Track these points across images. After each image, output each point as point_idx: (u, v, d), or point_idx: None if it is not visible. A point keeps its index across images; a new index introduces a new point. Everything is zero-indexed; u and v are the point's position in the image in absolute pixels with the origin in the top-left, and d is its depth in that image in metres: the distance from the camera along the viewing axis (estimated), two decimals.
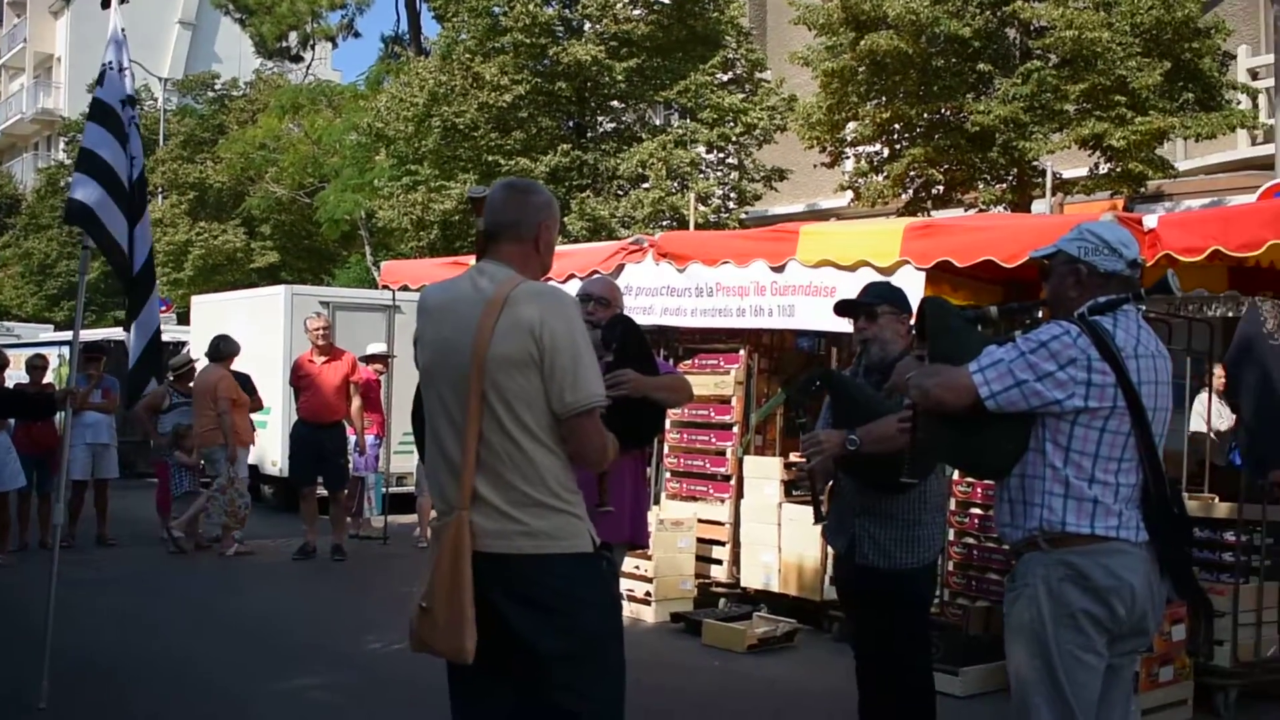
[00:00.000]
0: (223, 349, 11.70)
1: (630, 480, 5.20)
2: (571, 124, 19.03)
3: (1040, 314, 5.42)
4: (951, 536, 7.97)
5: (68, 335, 12.18)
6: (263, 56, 36.40)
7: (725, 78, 18.59)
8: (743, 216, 18.52)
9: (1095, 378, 3.45)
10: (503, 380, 3.25)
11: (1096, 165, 13.41)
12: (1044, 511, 3.53)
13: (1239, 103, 13.97)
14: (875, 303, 5.01)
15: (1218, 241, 6.48)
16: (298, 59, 36.45)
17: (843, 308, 5.20)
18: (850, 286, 7.11)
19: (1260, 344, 6.45)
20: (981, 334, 3.86)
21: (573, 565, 3.31)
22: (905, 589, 4.85)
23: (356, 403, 11.67)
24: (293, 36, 35.26)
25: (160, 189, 31.87)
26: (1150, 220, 6.77)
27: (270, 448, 14.41)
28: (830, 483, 5.10)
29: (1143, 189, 13.98)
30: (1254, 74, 15.65)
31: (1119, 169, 12.78)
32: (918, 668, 4.93)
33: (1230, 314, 8.75)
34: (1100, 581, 3.48)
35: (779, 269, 8.34)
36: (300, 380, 11.44)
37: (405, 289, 11.42)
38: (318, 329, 11.45)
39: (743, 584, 8.97)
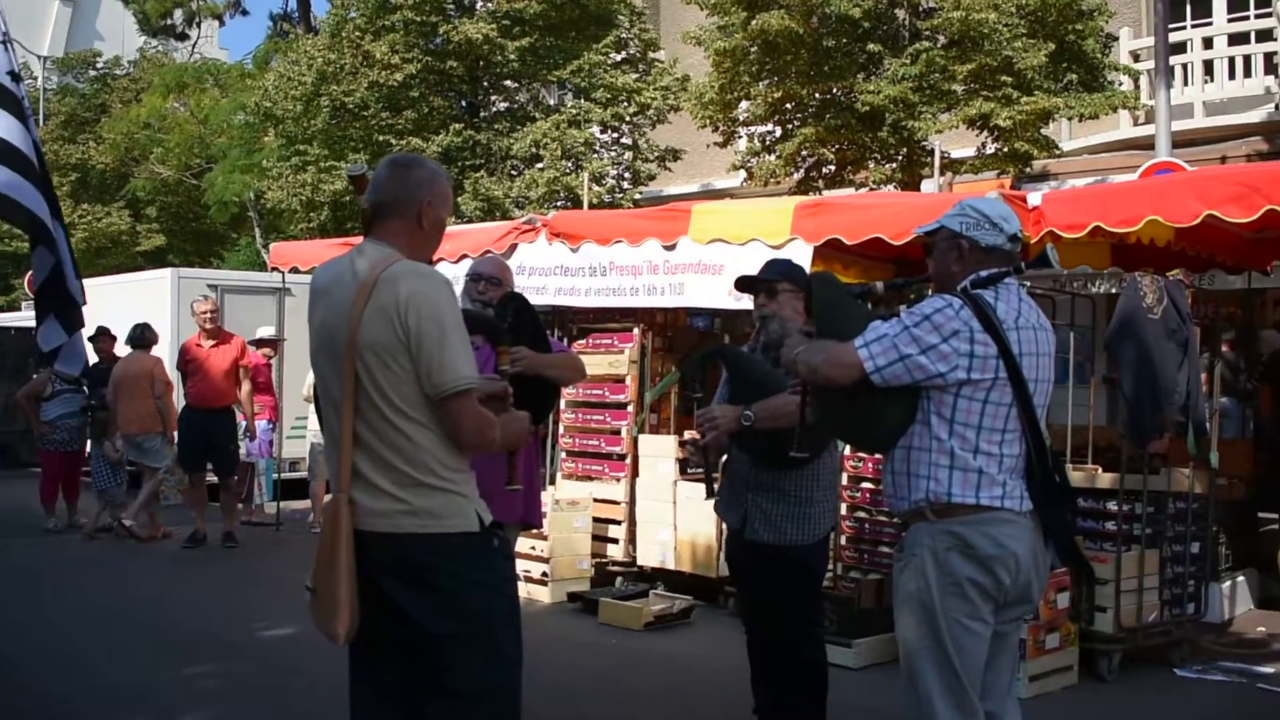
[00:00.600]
0: (147, 336, 11.52)
1: (523, 459, 5.17)
2: (464, 103, 18.85)
3: (928, 290, 5.51)
4: (844, 511, 8.06)
5: None
6: (146, 34, 35.43)
7: (619, 57, 18.54)
8: (637, 196, 18.51)
9: (978, 350, 3.51)
10: (373, 363, 3.23)
11: (984, 145, 13.63)
12: (930, 483, 3.59)
13: (1121, 84, 14.30)
14: (776, 279, 5.03)
15: (1098, 218, 6.64)
16: (183, 37, 35.54)
17: (743, 284, 5.22)
18: (741, 265, 7.16)
19: (1139, 318, 6.60)
20: (867, 309, 3.90)
21: (459, 544, 3.28)
22: (795, 564, 4.89)
23: (246, 387, 11.48)
24: (178, 14, 34.35)
25: None
26: (1034, 198, 6.92)
27: None
28: (724, 458, 5.12)
29: (1029, 168, 14.25)
30: (1136, 56, 16.03)
31: (1006, 148, 13.02)
32: (809, 640, 4.98)
33: (1114, 290, 8.96)
34: (985, 550, 3.54)
35: (671, 247, 8.36)
36: (188, 365, 11.22)
37: (295, 271, 11.26)
38: (204, 312, 11.23)
39: (639, 562, 9.00)
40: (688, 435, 5.04)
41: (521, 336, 4.65)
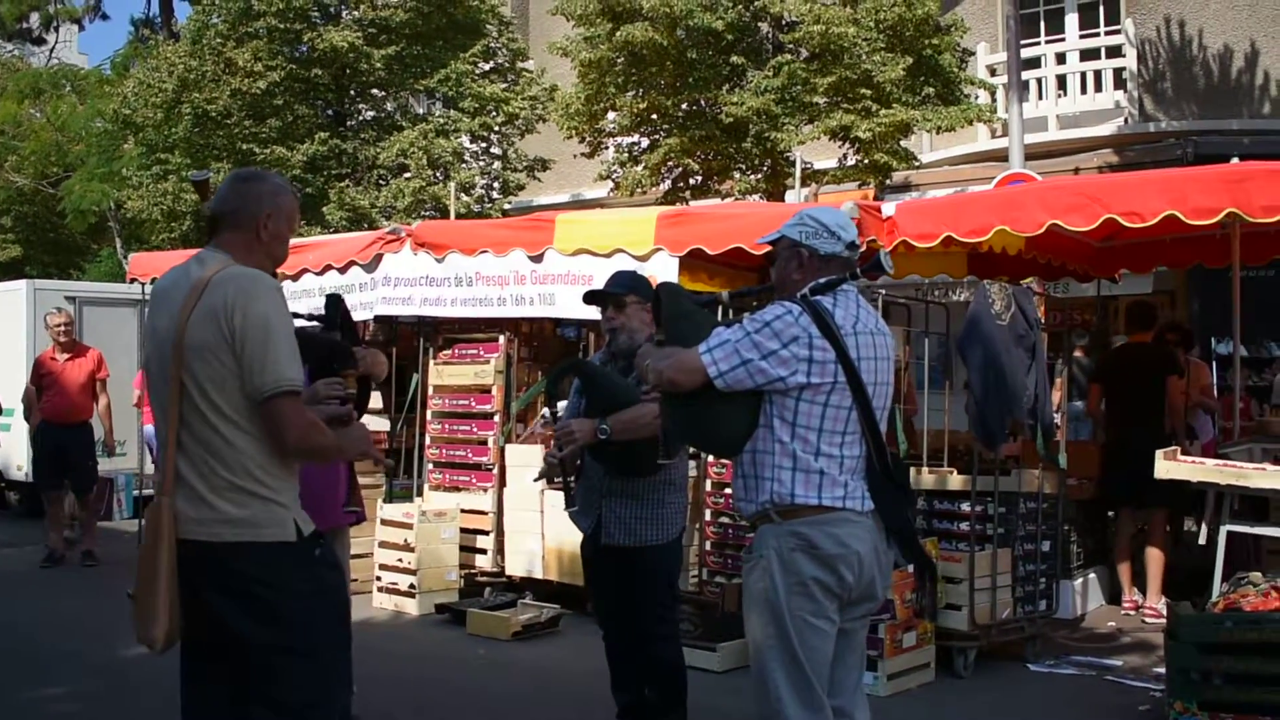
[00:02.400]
0: None
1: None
2: (330, 112, 18.63)
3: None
4: (708, 516, 8.16)
5: None
6: (1, 39, 34.36)
7: (487, 67, 18.49)
8: (506, 206, 18.49)
9: (816, 354, 3.60)
10: (197, 365, 3.23)
11: (845, 156, 13.90)
12: (774, 485, 3.67)
13: (977, 98, 14.71)
14: (622, 292, 5.12)
15: (950, 228, 6.86)
16: (40, 41, 34.53)
17: (591, 297, 5.30)
18: (608, 275, 7.22)
19: (987, 323, 6.81)
20: (713, 317, 3.99)
21: (275, 553, 3.27)
22: (649, 563, 4.99)
23: (104, 400, 11.20)
24: (34, 17, 33.38)
25: None
26: (888, 208, 7.10)
27: (15, 451, 13.66)
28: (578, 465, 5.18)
29: (889, 179, 14.56)
30: (992, 70, 16.51)
31: (866, 160, 13.28)
32: (665, 639, 5.06)
33: (957, 297, 9.23)
34: (829, 550, 3.63)
35: (537, 258, 8.40)
36: (43, 379, 10.91)
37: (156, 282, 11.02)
38: (58, 325, 10.94)
39: (508, 572, 8.98)
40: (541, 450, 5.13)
41: (349, 337, 4.72)
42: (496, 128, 18.11)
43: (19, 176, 26.76)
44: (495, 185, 18.79)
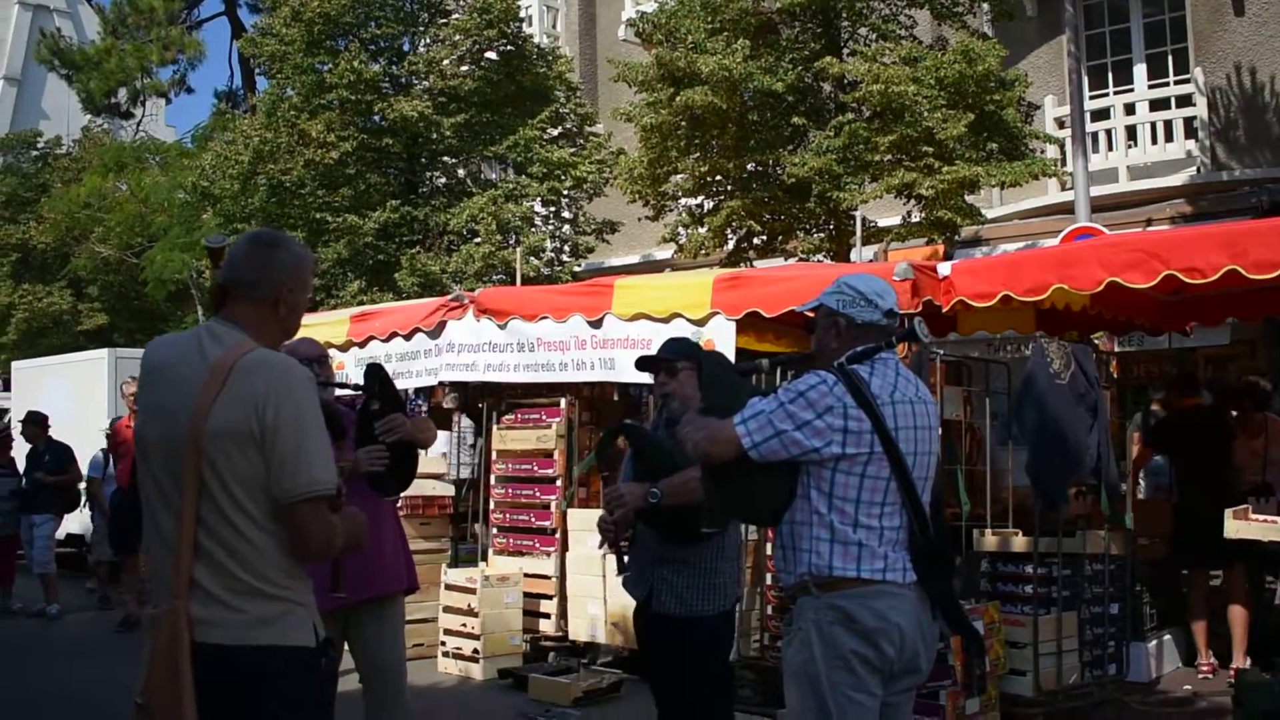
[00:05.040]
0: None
1: (396, 526, 5.37)
2: (401, 180, 18.94)
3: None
4: (769, 580, 8.10)
5: None
6: (91, 113, 35.39)
7: (555, 132, 18.72)
8: (577, 269, 18.63)
9: (851, 424, 3.58)
10: (220, 459, 2.97)
11: (909, 213, 13.85)
12: (812, 556, 3.65)
13: (1044, 151, 14.59)
14: (675, 358, 5.12)
15: (1007, 287, 6.79)
16: (128, 115, 35.51)
17: (644, 363, 5.31)
18: (665, 339, 7.25)
19: (1044, 382, 6.73)
20: (753, 386, 3.99)
21: (288, 659, 3.04)
22: (702, 634, 4.94)
23: None
24: (122, 92, 34.36)
25: None
26: (944, 268, 7.06)
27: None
28: (630, 533, 5.18)
29: (957, 235, 14.46)
30: (1060, 123, 16.36)
31: (930, 217, 13.22)
32: (717, 712, 5.01)
33: (1028, 353, 9.11)
34: (868, 623, 3.59)
35: (596, 323, 8.45)
36: (119, 446, 11.15)
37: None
38: (134, 394, 11.17)
39: (570, 636, 8.97)
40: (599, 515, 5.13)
41: (388, 405, 4.80)
42: (565, 192, 18.28)
43: (105, 247, 27.48)
44: (565, 248, 18.93)
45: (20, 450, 12.45)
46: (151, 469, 3.11)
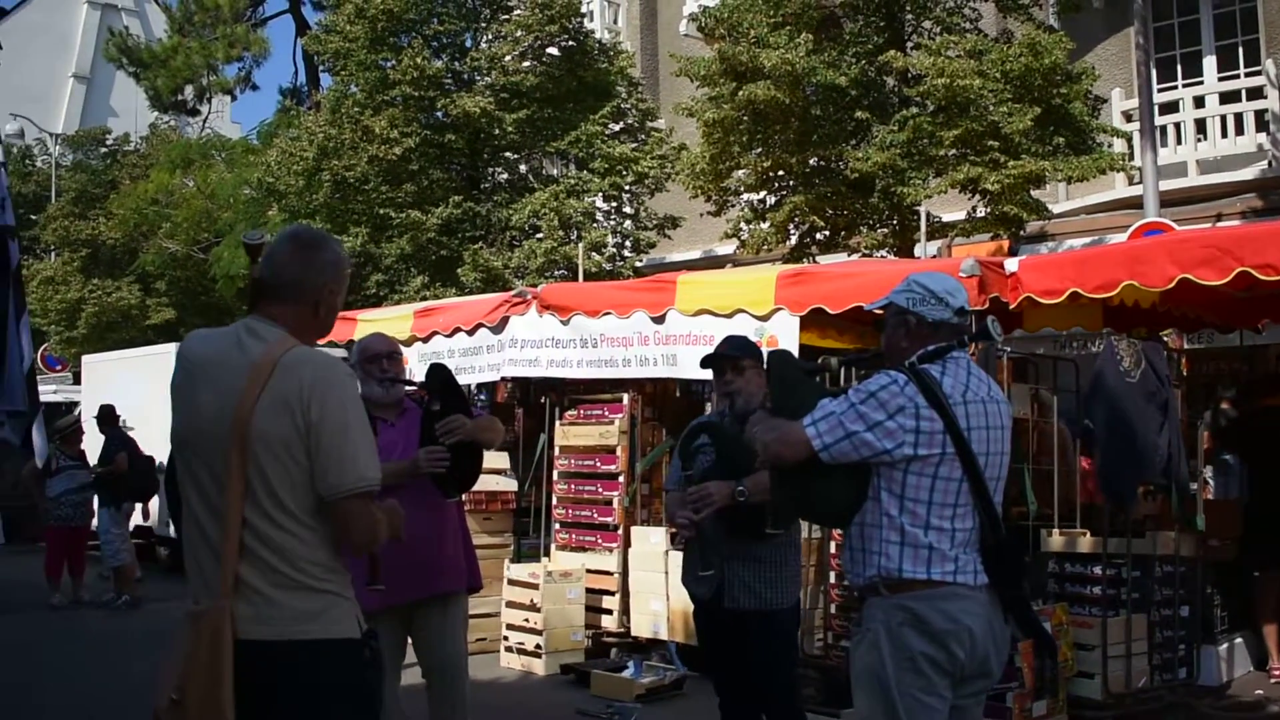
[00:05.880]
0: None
1: (462, 525, 5.39)
2: (464, 176, 19.03)
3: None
4: (832, 579, 8.06)
5: None
6: (158, 111, 35.88)
7: (617, 127, 18.72)
8: (639, 264, 18.63)
9: (923, 425, 3.54)
10: (265, 458, 2.97)
11: (974, 208, 13.71)
12: (881, 559, 3.62)
13: (1111, 145, 14.38)
14: (739, 356, 5.11)
15: (1075, 284, 6.69)
16: (194, 112, 35.96)
17: (708, 361, 5.30)
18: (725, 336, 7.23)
19: (1113, 380, 6.64)
20: (820, 386, 3.96)
21: (334, 651, 3.04)
22: (775, 626, 4.98)
23: None
24: (188, 90, 34.79)
25: (52, 247, 31.27)
26: (1011, 264, 6.98)
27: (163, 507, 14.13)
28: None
29: (1023, 230, 14.30)
30: (1128, 116, 16.12)
31: (995, 212, 13.08)
32: (786, 705, 5.02)
33: (1095, 350, 9.00)
34: (938, 625, 3.56)
35: (659, 319, 8.44)
36: None
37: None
38: None
39: (633, 632, 8.98)
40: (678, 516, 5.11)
41: (452, 405, 4.81)
42: (627, 187, 18.29)
43: (172, 243, 27.85)
44: (626, 244, 18.95)
45: (95, 445, 12.62)
46: (190, 466, 3.09)
